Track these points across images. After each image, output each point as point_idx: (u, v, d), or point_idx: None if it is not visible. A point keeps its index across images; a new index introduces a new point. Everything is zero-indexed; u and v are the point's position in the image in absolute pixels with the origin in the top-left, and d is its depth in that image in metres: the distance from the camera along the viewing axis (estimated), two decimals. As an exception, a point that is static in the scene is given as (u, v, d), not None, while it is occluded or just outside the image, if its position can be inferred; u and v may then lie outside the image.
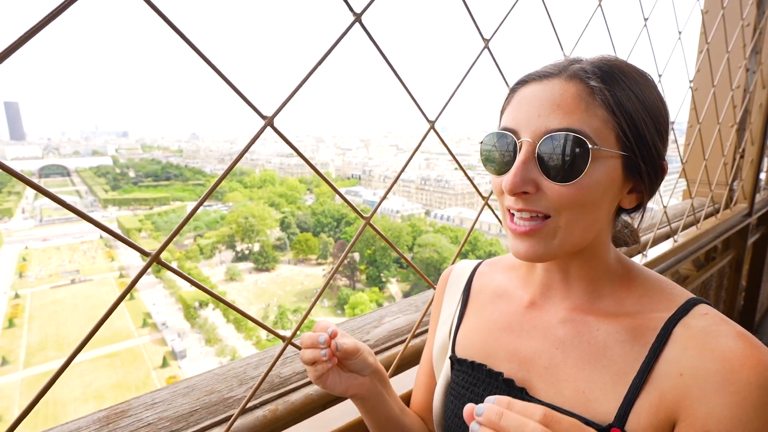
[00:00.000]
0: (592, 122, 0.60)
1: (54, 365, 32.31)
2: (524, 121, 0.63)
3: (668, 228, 2.20)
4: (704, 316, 0.61)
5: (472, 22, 1.02)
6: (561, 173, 0.60)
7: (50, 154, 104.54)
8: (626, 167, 0.62)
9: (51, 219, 64.31)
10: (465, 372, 0.77)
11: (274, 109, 0.74)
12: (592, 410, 0.61)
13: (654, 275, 0.71)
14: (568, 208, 0.61)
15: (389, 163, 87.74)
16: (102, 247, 55.15)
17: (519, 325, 0.75)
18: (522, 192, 0.62)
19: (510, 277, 0.82)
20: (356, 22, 0.81)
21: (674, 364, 0.58)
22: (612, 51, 1.48)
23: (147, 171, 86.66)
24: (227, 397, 0.88)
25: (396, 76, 0.88)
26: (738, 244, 3.13)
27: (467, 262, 0.92)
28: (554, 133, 0.59)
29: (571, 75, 0.62)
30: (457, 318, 0.85)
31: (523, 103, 0.64)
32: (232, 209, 55.71)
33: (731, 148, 2.71)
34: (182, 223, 0.64)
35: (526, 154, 0.61)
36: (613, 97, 0.60)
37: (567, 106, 0.60)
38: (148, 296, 43.24)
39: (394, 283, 45.93)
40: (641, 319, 0.64)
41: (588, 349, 0.65)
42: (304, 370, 0.98)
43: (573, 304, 0.70)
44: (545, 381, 0.67)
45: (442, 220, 55.65)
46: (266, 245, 50.39)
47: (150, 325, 38.78)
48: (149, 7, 0.58)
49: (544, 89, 0.62)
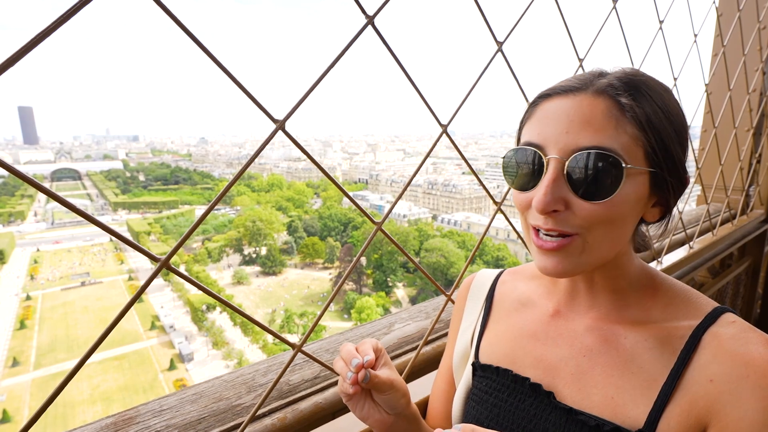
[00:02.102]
0: (622, 139, 0.58)
1: (63, 366, 32.62)
2: (552, 137, 0.61)
3: (683, 234, 2.15)
4: (732, 324, 0.61)
5: (485, 24, 1.00)
6: (592, 191, 0.58)
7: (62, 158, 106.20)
8: (653, 182, 0.62)
9: (62, 222, 65.24)
10: (489, 378, 0.76)
11: (282, 112, 0.73)
12: (621, 416, 0.61)
13: (678, 284, 0.70)
14: (597, 227, 0.60)
15: (396, 168, 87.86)
16: (112, 250, 55.78)
17: (544, 333, 0.74)
18: (552, 210, 0.60)
19: (533, 286, 0.82)
20: (369, 24, 0.80)
21: (704, 371, 0.58)
22: (627, 54, 1.46)
23: (156, 175, 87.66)
24: (236, 404, 0.86)
25: (409, 80, 0.87)
26: (755, 251, 3.06)
27: (488, 271, 0.92)
28: (585, 151, 0.58)
29: (598, 90, 0.60)
30: (480, 325, 0.85)
31: (549, 118, 0.62)
32: (240, 213, 56.06)
33: (747, 152, 2.65)
34: (191, 228, 0.63)
35: (556, 172, 0.60)
36: (643, 115, 0.59)
37: (597, 122, 0.58)
38: (156, 299, 43.57)
39: (401, 288, 45.83)
40: (668, 327, 0.64)
41: (616, 357, 0.65)
42: (314, 378, 0.97)
43: (599, 313, 0.70)
44: (572, 387, 0.67)
45: (449, 224, 55.50)
46: (273, 249, 50.59)
47: (158, 327, 39.05)
48: (163, 12, 0.58)
49: (572, 104, 0.61)
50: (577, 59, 1.27)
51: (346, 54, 0.78)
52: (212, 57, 0.62)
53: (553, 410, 0.66)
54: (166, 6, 0.56)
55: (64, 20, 0.52)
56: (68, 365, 32.66)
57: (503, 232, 47.57)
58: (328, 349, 1.05)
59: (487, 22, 1.01)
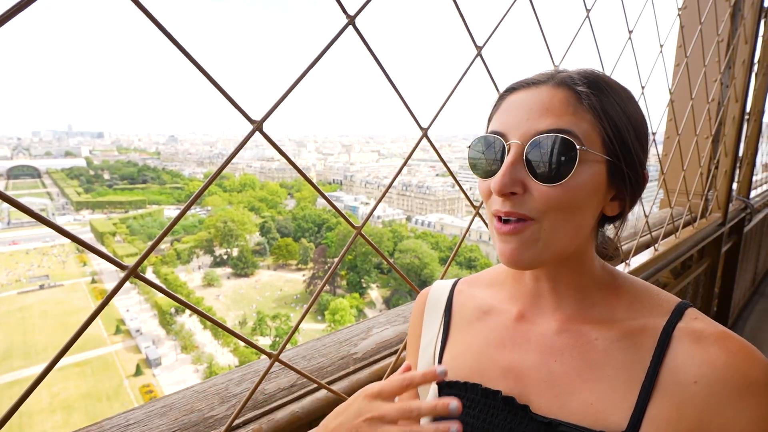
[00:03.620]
0: (580, 125, 0.61)
1: (20, 374, 30.95)
2: (513, 125, 0.63)
3: (649, 237, 2.23)
4: (696, 320, 0.63)
5: (465, 28, 1.01)
6: (549, 174, 0.60)
7: (20, 155, 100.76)
8: (611, 173, 0.63)
9: (19, 222, 61.95)
10: (457, 395, 0.72)
11: (252, 111, 0.70)
12: (602, 421, 0.59)
13: (639, 281, 0.72)
14: (553, 211, 0.61)
15: (371, 169, 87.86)
16: (73, 252, 53.35)
17: (511, 339, 0.72)
18: (510, 193, 0.62)
19: (493, 292, 0.80)
20: (349, 24, 0.78)
21: (684, 371, 0.58)
22: (599, 60, 1.50)
23: (123, 173, 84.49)
24: (208, 416, 0.83)
25: (390, 83, 0.86)
26: (713, 252, 3.22)
27: (442, 282, 0.89)
28: (543, 134, 0.60)
29: (558, 82, 0.63)
30: (440, 340, 0.81)
31: (512, 107, 0.65)
32: (211, 213, 54.74)
33: (707, 158, 2.78)
34: (162, 234, 0.60)
35: (515, 156, 0.62)
36: (599, 103, 0.62)
37: (556, 109, 0.61)
38: (121, 302, 41.94)
39: (375, 289, 45.82)
40: (636, 325, 0.64)
41: (588, 359, 0.64)
42: (290, 386, 0.94)
43: (565, 314, 0.69)
44: (546, 395, 0.65)
45: (423, 226, 55.93)
46: (246, 250, 49.63)
47: (123, 332, 37.60)
48: (138, 9, 0.54)
49: (533, 95, 0.64)
50: (553, 65, 1.29)
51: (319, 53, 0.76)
52: (188, 55, 0.59)
53: (529, 423, 0.63)
54: (142, 4, 0.53)
55: (22, 8, 0.48)
56: (25, 373, 31.01)
57: (475, 233, 48.30)
58: (305, 356, 1.03)
59: (467, 27, 1.01)
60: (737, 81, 3.00)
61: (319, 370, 1.00)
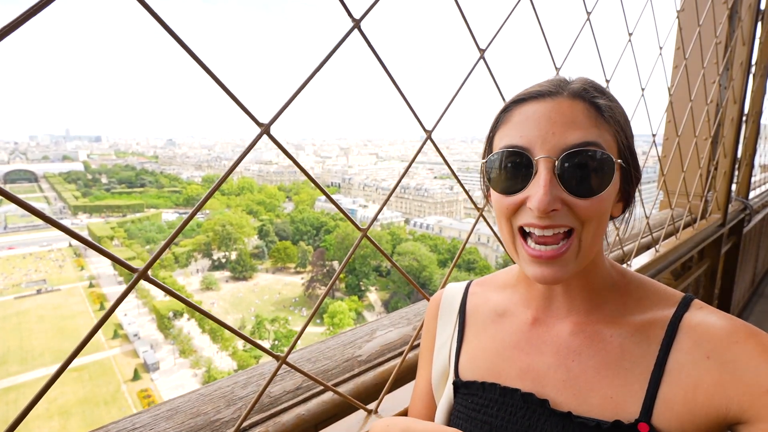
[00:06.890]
0: (604, 136, 0.62)
1: (17, 380, 30.76)
2: (536, 139, 0.62)
3: (650, 238, 2.24)
4: (702, 309, 0.65)
5: (468, 31, 1.01)
6: (587, 188, 0.61)
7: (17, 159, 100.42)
8: (623, 177, 0.67)
9: (16, 226, 61.70)
10: (474, 394, 0.74)
11: (262, 114, 0.70)
12: (621, 412, 0.61)
13: (646, 278, 0.74)
14: (590, 223, 0.62)
15: (369, 171, 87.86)
16: (71, 256, 53.15)
17: (527, 342, 0.73)
18: (551, 210, 0.61)
19: (506, 296, 0.80)
20: (355, 28, 0.78)
21: (694, 351, 0.60)
22: (600, 63, 1.51)
23: (120, 177, 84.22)
24: (214, 419, 0.83)
25: (396, 87, 0.86)
26: (712, 253, 3.23)
27: (456, 284, 0.90)
28: (576, 149, 0.60)
29: (573, 93, 0.64)
30: (456, 341, 0.82)
31: (529, 120, 0.63)
32: (209, 217, 54.57)
33: (706, 160, 2.79)
34: (171, 238, 0.60)
35: (549, 172, 0.60)
36: (615, 114, 0.64)
37: (581, 122, 0.62)
38: (119, 306, 41.60)
39: (374, 292, 45.74)
40: (647, 319, 0.66)
41: (605, 356, 0.66)
42: (296, 389, 0.94)
43: (578, 315, 0.70)
44: (566, 393, 0.66)
45: (421, 228, 55.91)
46: (244, 253, 49.52)
47: (121, 336, 37.41)
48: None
49: (551, 107, 0.63)
50: (554, 68, 1.30)
51: (321, 57, 0.77)
52: (197, 59, 0.59)
53: (548, 418, 0.65)
54: (152, 8, 0.53)
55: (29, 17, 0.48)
56: (22, 378, 30.82)
57: (473, 235, 48.31)
58: (310, 358, 1.03)
59: (470, 29, 1.01)
60: (735, 82, 3.02)
61: (324, 373, 1.00)
